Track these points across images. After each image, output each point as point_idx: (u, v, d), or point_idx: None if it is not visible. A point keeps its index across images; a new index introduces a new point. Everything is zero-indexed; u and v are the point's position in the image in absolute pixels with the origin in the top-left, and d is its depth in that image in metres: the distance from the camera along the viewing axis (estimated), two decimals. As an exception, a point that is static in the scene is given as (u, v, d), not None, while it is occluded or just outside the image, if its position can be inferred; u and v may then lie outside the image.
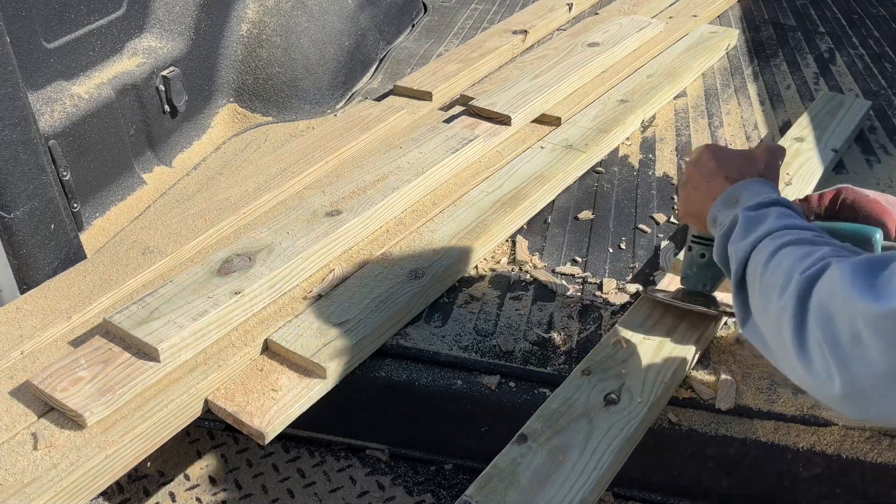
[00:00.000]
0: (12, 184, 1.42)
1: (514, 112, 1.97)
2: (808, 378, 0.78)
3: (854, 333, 0.71)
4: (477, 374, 1.37)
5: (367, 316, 1.36)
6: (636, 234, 1.71)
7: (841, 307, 0.73)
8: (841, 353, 0.72)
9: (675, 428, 1.27)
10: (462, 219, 1.63)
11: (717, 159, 1.13)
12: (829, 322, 0.74)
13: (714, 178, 1.11)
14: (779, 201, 1.01)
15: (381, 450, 1.48)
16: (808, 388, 0.81)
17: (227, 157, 2.07)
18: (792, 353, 0.80)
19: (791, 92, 2.37)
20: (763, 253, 0.90)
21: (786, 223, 0.95)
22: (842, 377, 0.72)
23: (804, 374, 0.78)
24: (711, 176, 1.11)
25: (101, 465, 1.12)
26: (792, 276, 0.82)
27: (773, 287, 0.85)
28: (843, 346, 0.72)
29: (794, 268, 0.82)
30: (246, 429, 1.19)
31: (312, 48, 2.37)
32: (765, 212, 0.98)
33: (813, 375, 0.77)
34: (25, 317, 1.38)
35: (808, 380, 0.78)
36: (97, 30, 1.84)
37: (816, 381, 0.77)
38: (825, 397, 0.77)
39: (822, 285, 0.77)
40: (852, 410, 0.74)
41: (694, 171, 1.15)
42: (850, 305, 0.71)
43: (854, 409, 0.74)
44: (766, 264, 0.88)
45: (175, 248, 1.54)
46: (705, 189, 1.11)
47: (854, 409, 0.74)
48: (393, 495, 1.41)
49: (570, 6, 2.89)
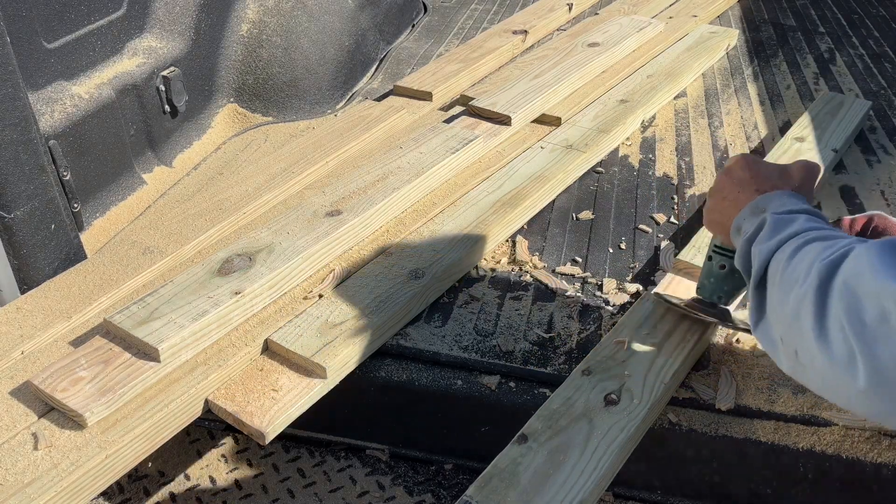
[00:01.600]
0: (12, 184, 1.42)
1: (515, 112, 1.97)
2: (828, 366, 0.74)
3: (882, 312, 0.68)
4: (477, 374, 1.37)
5: (367, 316, 1.36)
6: (636, 234, 1.71)
7: (868, 286, 0.70)
8: (866, 334, 0.69)
9: (675, 428, 1.27)
10: (462, 219, 1.63)
11: (750, 170, 1.10)
12: (855, 301, 0.71)
13: (745, 188, 1.08)
14: (809, 210, 0.98)
15: (381, 450, 1.48)
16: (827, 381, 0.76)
17: (227, 157, 2.07)
18: (811, 341, 0.76)
19: (791, 92, 2.37)
20: (787, 251, 0.88)
21: (814, 226, 0.92)
22: (865, 359, 0.69)
23: (824, 361, 0.74)
24: (742, 186, 1.08)
25: (101, 465, 1.12)
26: (813, 264, 0.79)
27: (793, 279, 0.83)
28: (868, 325, 0.69)
29: (817, 257, 0.80)
30: (246, 429, 1.19)
31: (312, 48, 2.37)
32: (794, 216, 0.95)
33: (833, 362, 0.73)
34: (26, 317, 1.38)
35: (828, 368, 0.74)
36: (97, 30, 1.84)
37: (836, 369, 0.72)
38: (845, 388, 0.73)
39: (846, 266, 0.74)
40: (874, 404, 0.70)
41: (725, 180, 1.12)
42: (878, 284, 0.68)
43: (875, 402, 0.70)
44: (790, 260, 0.86)
45: (175, 248, 1.54)
46: (734, 199, 1.09)
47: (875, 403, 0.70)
48: (393, 495, 1.41)
49: (570, 6, 2.89)
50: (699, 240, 1.54)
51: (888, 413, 0.70)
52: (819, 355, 0.75)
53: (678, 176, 1.93)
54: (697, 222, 1.71)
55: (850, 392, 0.72)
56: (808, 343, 0.77)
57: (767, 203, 1.02)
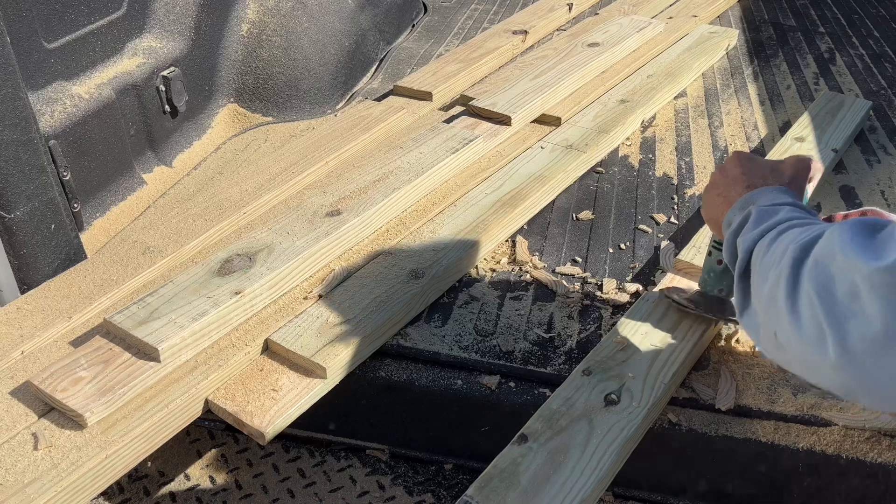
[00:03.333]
0: (13, 184, 1.42)
1: (515, 112, 1.97)
2: (800, 343, 0.76)
3: (851, 290, 0.70)
4: (477, 374, 1.37)
5: (367, 316, 1.36)
6: (636, 234, 1.71)
7: (839, 264, 0.72)
8: (835, 311, 0.71)
9: (675, 428, 1.27)
10: (462, 219, 1.63)
11: (742, 166, 1.12)
12: (826, 279, 0.73)
13: (737, 185, 1.10)
14: (794, 204, 0.99)
15: (381, 450, 1.48)
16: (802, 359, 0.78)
17: (227, 157, 2.07)
18: (785, 320, 0.78)
19: (791, 92, 2.37)
20: (767, 239, 0.90)
21: (796, 215, 0.94)
22: (834, 335, 0.71)
23: (797, 339, 0.76)
24: (734, 182, 1.11)
25: (101, 465, 1.12)
26: (788, 247, 0.82)
27: (771, 262, 0.85)
28: (838, 302, 0.71)
29: (792, 240, 0.83)
30: (246, 429, 1.19)
31: (312, 48, 2.37)
32: (778, 208, 0.98)
33: (804, 338, 0.75)
34: (26, 317, 1.38)
35: (800, 346, 0.76)
36: (97, 30, 1.84)
37: (808, 345, 0.74)
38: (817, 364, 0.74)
39: (819, 246, 0.77)
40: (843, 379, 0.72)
41: (719, 177, 1.14)
42: (849, 262, 0.70)
43: (845, 376, 0.71)
44: (769, 246, 0.88)
45: (175, 248, 1.54)
46: (726, 195, 1.11)
47: (845, 378, 0.72)
48: (393, 495, 1.41)
49: (570, 6, 2.89)
50: (699, 240, 1.54)
51: (857, 388, 0.72)
52: (792, 333, 0.77)
53: (678, 176, 1.93)
54: (697, 222, 1.71)
55: (821, 367, 0.74)
56: (782, 322, 0.79)
57: (756, 198, 1.04)
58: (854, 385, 0.72)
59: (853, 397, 0.74)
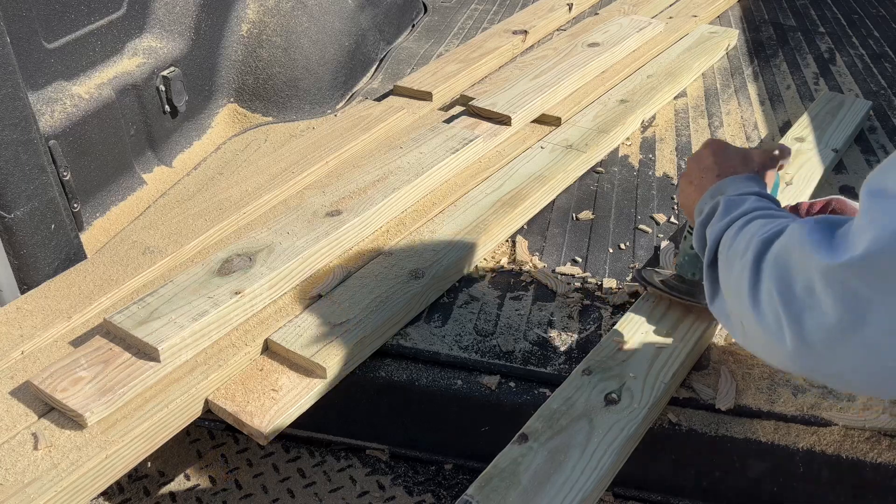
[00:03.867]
0: (12, 184, 1.42)
1: (515, 112, 1.97)
2: (761, 333, 0.79)
3: (807, 285, 0.72)
4: (477, 374, 1.37)
5: (367, 316, 1.36)
6: (636, 234, 1.71)
7: (797, 259, 0.75)
8: (793, 305, 0.74)
9: (675, 428, 1.27)
10: (462, 219, 1.63)
11: (714, 155, 1.15)
12: (785, 273, 0.76)
13: (708, 174, 1.13)
14: (760, 193, 1.03)
15: (381, 450, 1.48)
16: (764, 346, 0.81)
17: (227, 157, 2.07)
18: (748, 310, 0.81)
19: (791, 92, 2.37)
20: (734, 228, 0.94)
21: (762, 206, 0.98)
22: (791, 328, 0.73)
23: (757, 328, 0.80)
24: (706, 171, 1.14)
25: (101, 465, 1.12)
26: (752, 240, 0.85)
27: (736, 253, 0.88)
28: (796, 297, 0.74)
29: (756, 233, 0.86)
30: (246, 429, 1.19)
31: (312, 48, 2.37)
32: (745, 198, 1.01)
33: (764, 328, 0.78)
34: (26, 317, 1.38)
35: (762, 335, 0.79)
36: (97, 30, 1.84)
37: (768, 334, 0.78)
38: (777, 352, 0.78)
39: (780, 241, 0.80)
40: (802, 366, 0.75)
41: (693, 166, 1.18)
42: (806, 257, 0.73)
43: (803, 364, 0.75)
44: (735, 237, 0.92)
45: (175, 248, 1.54)
46: (698, 183, 1.14)
47: (803, 365, 0.75)
48: (393, 495, 1.41)
49: (570, 6, 2.89)
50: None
51: (816, 374, 0.76)
52: (754, 323, 0.80)
53: (678, 176, 1.93)
54: (697, 222, 1.71)
55: (781, 355, 0.77)
56: (745, 312, 0.82)
57: (725, 187, 1.07)
58: (813, 372, 0.76)
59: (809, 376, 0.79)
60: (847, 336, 0.69)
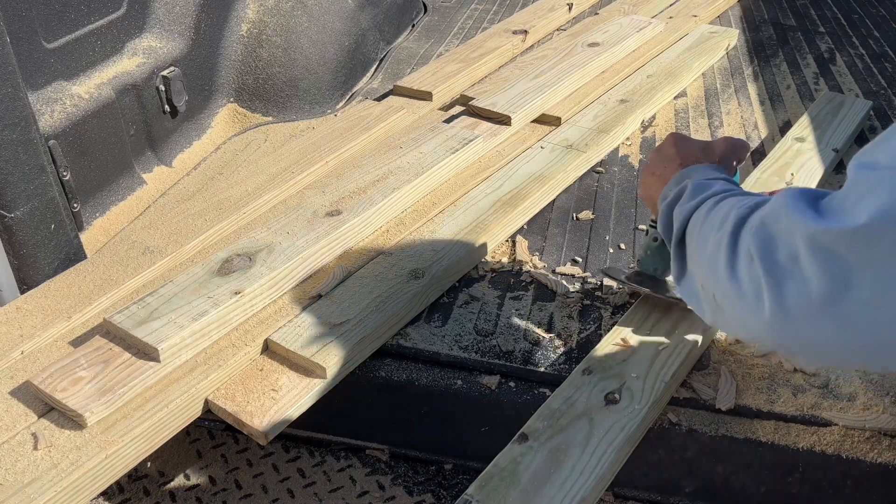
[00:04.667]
0: (12, 184, 1.42)
1: (514, 112, 1.97)
2: (738, 301, 0.77)
3: (792, 252, 0.71)
4: (477, 374, 1.37)
5: (367, 316, 1.36)
6: (636, 234, 1.71)
7: (782, 225, 0.74)
8: (776, 270, 0.73)
9: (675, 428, 1.27)
10: (462, 219, 1.63)
11: (676, 146, 1.17)
12: (768, 239, 0.75)
13: (670, 164, 1.15)
14: (727, 179, 1.05)
15: (381, 450, 1.48)
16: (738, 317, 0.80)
17: (227, 157, 2.07)
18: (724, 279, 0.80)
19: (791, 92, 2.37)
20: (706, 207, 0.94)
21: (731, 188, 0.99)
22: (772, 294, 0.72)
23: (734, 296, 0.78)
24: (668, 161, 1.16)
25: (101, 465, 1.12)
26: (731, 212, 0.84)
27: (711, 226, 0.88)
28: (779, 263, 0.72)
29: (734, 206, 0.85)
30: (246, 429, 1.19)
31: (312, 48, 2.37)
32: (713, 182, 1.03)
33: (742, 295, 0.77)
34: (25, 317, 1.38)
35: (738, 303, 0.78)
36: (97, 30, 1.84)
37: (744, 302, 0.76)
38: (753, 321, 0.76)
39: (764, 208, 0.79)
40: (778, 336, 0.74)
41: (655, 157, 1.20)
42: (792, 223, 0.72)
43: (780, 333, 0.73)
44: (708, 213, 0.92)
45: (175, 248, 1.54)
46: (660, 174, 1.16)
47: (780, 334, 0.73)
48: (393, 495, 1.41)
49: (570, 6, 2.89)
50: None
51: (790, 344, 0.74)
52: (730, 291, 0.79)
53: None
54: (697, 222, 1.71)
55: (757, 324, 0.75)
56: (721, 282, 0.81)
57: (689, 174, 1.09)
58: (788, 342, 0.74)
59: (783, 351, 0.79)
60: (828, 305, 0.68)
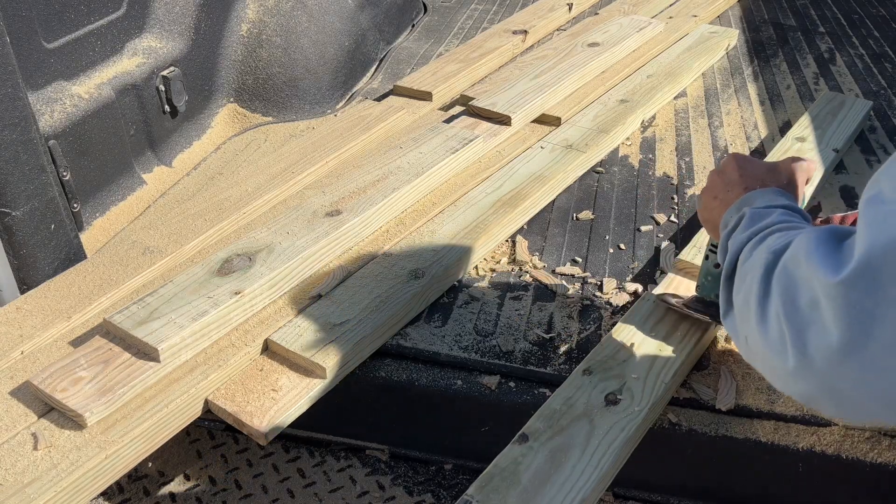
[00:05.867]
0: (12, 184, 1.42)
1: (514, 112, 1.97)
2: (766, 348, 0.76)
3: (812, 299, 0.70)
4: (477, 374, 1.37)
5: (367, 316, 1.36)
6: (636, 234, 1.71)
7: (803, 272, 0.72)
8: (797, 318, 0.71)
9: (675, 428, 1.27)
10: (462, 219, 1.63)
11: (740, 169, 1.11)
12: (791, 286, 0.73)
13: (734, 188, 1.09)
14: (788, 206, 0.99)
15: (381, 450, 1.48)
16: (766, 364, 0.79)
17: (227, 157, 2.07)
18: (754, 324, 0.79)
19: (791, 92, 2.37)
20: (754, 241, 0.91)
21: (787, 219, 0.94)
22: (794, 342, 0.71)
23: (762, 344, 0.77)
24: (732, 185, 1.10)
25: (101, 465, 1.12)
26: (766, 251, 0.83)
27: (749, 267, 0.86)
28: (800, 310, 0.71)
29: (771, 246, 0.84)
30: (246, 429, 1.19)
31: (312, 48, 2.37)
32: (771, 210, 0.98)
33: (768, 343, 0.75)
34: (25, 317, 1.38)
35: (766, 351, 0.76)
36: (97, 30, 1.84)
37: (771, 350, 0.75)
38: (779, 370, 0.75)
39: (789, 253, 0.77)
40: (802, 385, 0.72)
41: (716, 180, 1.13)
42: (811, 271, 0.71)
43: (804, 383, 0.71)
44: (753, 249, 0.89)
45: (175, 248, 1.54)
46: (723, 198, 1.10)
47: (804, 384, 0.72)
48: (393, 495, 1.41)
49: (570, 6, 2.89)
50: (699, 240, 1.54)
51: (814, 395, 0.72)
52: (759, 338, 0.77)
53: (678, 176, 1.93)
54: (698, 222, 1.71)
55: (783, 373, 0.74)
56: (752, 327, 0.79)
57: (752, 200, 1.04)
58: (814, 393, 0.72)
59: (815, 405, 0.74)
60: (851, 353, 0.66)
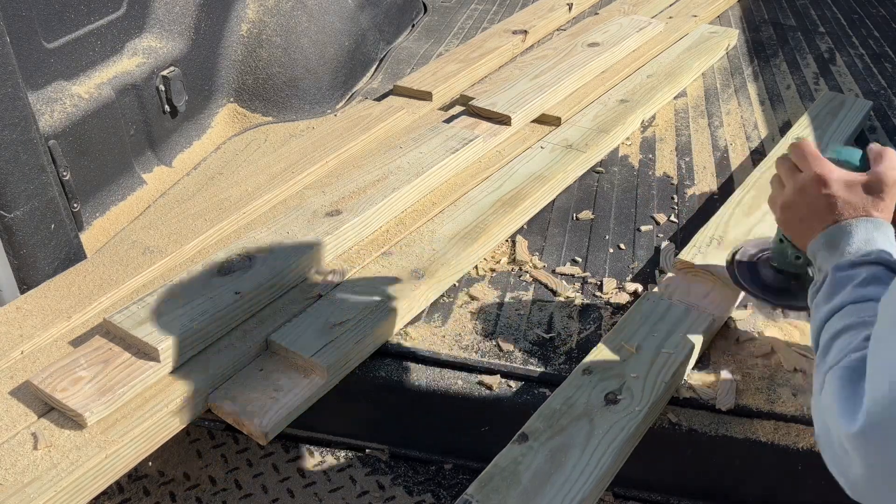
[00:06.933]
0: (12, 184, 1.42)
1: (514, 112, 1.97)
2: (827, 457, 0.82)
3: (840, 442, 0.76)
4: (477, 374, 1.37)
5: (367, 316, 1.36)
6: (636, 234, 1.71)
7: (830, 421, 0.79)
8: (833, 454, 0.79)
9: (675, 428, 1.27)
10: (462, 219, 1.63)
11: (829, 199, 1.00)
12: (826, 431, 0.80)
13: (823, 218, 1.00)
14: (878, 259, 0.92)
15: (381, 450, 1.48)
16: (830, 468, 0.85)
17: (227, 157, 2.07)
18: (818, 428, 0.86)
19: (791, 92, 2.37)
20: (828, 333, 0.91)
21: (863, 294, 0.89)
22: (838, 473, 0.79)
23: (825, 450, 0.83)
24: (818, 215, 1.01)
25: (101, 465, 1.12)
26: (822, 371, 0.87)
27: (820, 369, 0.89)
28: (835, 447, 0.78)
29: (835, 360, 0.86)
30: (246, 429, 1.19)
31: (312, 48, 2.37)
32: (854, 273, 0.92)
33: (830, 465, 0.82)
34: (25, 317, 1.38)
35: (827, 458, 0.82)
36: (97, 30, 1.84)
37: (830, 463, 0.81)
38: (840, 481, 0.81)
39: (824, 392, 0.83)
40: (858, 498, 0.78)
41: (799, 200, 1.04)
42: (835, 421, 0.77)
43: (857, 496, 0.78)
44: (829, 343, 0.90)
45: (175, 248, 1.54)
46: (808, 225, 1.03)
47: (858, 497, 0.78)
48: (393, 495, 1.41)
49: (570, 6, 2.89)
50: (699, 240, 1.54)
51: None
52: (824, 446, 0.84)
53: (678, 176, 1.93)
54: (698, 222, 1.70)
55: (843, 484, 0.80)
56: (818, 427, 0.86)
57: (841, 238, 0.97)
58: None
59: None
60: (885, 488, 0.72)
